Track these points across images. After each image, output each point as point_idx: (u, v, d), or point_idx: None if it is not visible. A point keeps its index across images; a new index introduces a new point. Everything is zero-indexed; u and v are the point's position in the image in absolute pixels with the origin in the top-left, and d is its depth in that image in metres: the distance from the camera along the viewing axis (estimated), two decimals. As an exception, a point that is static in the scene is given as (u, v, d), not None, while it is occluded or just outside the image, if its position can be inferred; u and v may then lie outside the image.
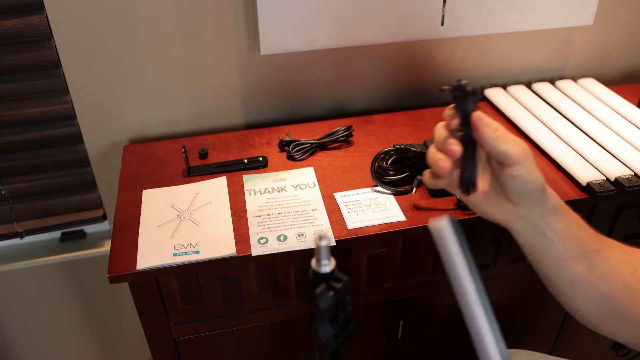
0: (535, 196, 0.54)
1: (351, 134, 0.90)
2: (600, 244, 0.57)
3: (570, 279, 0.57)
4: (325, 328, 0.49)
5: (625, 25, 1.10)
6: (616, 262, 0.56)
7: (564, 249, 0.56)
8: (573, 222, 0.56)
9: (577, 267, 0.56)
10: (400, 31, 0.93)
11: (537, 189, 0.54)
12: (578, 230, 0.56)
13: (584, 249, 0.56)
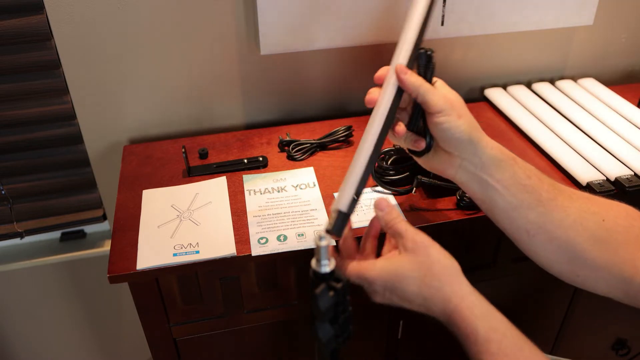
0: (463, 144, 0.56)
1: (351, 134, 0.90)
2: (556, 193, 0.57)
3: (526, 228, 0.57)
4: (325, 328, 0.49)
5: (625, 25, 1.10)
6: (576, 210, 0.56)
7: (513, 198, 0.56)
8: (520, 170, 0.57)
9: (530, 215, 0.56)
10: (400, 31, 0.93)
11: (463, 137, 0.56)
12: (527, 178, 0.57)
13: (536, 197, 0.56)
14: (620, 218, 0.57)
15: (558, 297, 0.97)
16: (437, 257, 0.53)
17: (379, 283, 0.55)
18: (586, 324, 1.04)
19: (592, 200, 0.59)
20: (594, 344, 1.11)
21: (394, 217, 0.57)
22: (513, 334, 0.51)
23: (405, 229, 0.55)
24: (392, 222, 0.57)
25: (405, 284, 0.54)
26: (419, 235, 0.55)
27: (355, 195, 0.54)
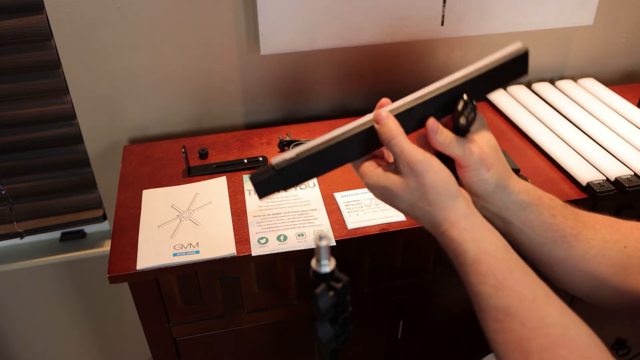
0: (487, 192, 0.56)
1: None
2: (579, 227, 0.57)
3: (549, 262, 0.58)
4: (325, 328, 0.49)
5: (625, 26, 1.10)
6: (599, 242, 0.56)
7: (537, 237, 0.57)
8: (545, 210, 0.56)
9: (554, 251, 0.57)
10: (400, 31, 0.93)
11: (489, 188, 0.55)
12: (552, 217, 0.56)
13: (560, 235, 0.56)
14: None
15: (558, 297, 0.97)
16: (432, 183, 0.52)
17: (375, 189, 0.55)
18: (586, 323, 1.04)
19: (614, 227, 0.58)
20: (594, 344, 1.11)
21: (389, 131, 0.54)
22: (505, 256, 0.50)
23: (401, 150, 0.53)
24: (387, 138, 0.54)
25: (397, 200, 0.54)
26: (415, 158, 0.52)
27: (295, 156, 0.52)
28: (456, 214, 0.52)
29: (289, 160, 0.52)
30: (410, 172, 0.52)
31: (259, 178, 0.51)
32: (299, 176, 0.54)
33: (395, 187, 0.53)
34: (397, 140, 0.54)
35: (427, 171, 0.52)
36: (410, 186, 0.52)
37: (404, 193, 0.53)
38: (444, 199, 0.52)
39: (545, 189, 0.78)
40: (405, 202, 0.53)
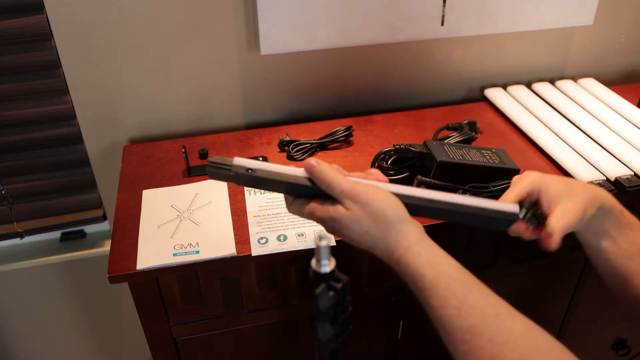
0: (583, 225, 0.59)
1: (351, 134, 0.90)
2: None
3: (624, 277, 0.60)
4: (325, 328, 0.49)
5: (625, 25, 1.10)
6: None
7: (618, 248, 0.60)
8: (626, 223, 0.60)
9: (630, 265, 0.60)
10: (400, 31, 0.93)
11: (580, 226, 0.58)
12: (629, 230, 0.60)
13: (637, 248, 0.59)
14: None
15: (558, 297, 0.97)
16: (379, 210, 0.52)
17: (326, 225, 0.55)
18: (586, 324, 1.04)
19: None
20: (594, 344, 1.11)
21: (323, 176, 0.54)
22: (462, 276, 0.51)
23: (341, 188, 0.53)
24: (324, 182, 0.54)
25: (350, 233, 0.54)
26: (355, 192, 0.52)
27: (250, 170, 0.55)
28: (408, 239, 0.52)
29: (244, 172, 0.55)
30: (355, 205, 0.53)
31: (215, 168, 0.55)
32: (247, 183, 0.57)
33: (346, 219, 0.53)
34: (334, 182, 0.54)
35: (371, 199, 0.53)
36: (359, 216, 0.53)
37: (354, 223, 0.53)
38: (394, 224, 0.53)
39: (545, 189, 0.79)
40: (357, 233, 0.53)
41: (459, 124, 0.92)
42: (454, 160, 0.75)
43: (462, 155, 0.77)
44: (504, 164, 0.78)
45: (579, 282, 0.95)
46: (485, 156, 0.79)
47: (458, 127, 0.92)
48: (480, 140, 0.91)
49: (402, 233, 0.52)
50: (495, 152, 0.81)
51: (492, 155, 0.79)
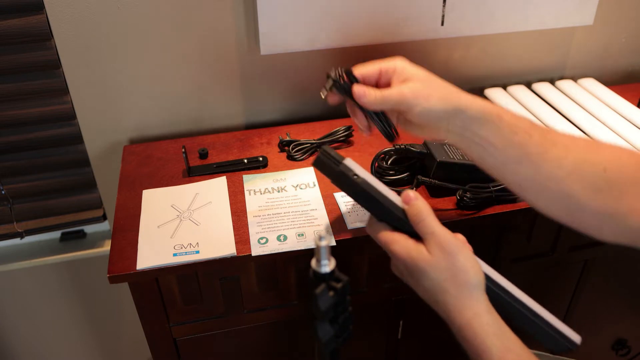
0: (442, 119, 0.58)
1: (351, 134, 0.90)
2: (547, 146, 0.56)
3: (517, 182, 0.57)
4: (325, 328, 0.49)
5: (625, 26, 1.10)
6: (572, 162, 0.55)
7: (500, 155, 0.57)
8: (505, 126, 0.56)
9: (520, 170, 0.56)
10: (400, 31, 0.93)
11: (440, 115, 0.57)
12: (513, 134, 0.56)
13: (524, 152, 0.56)
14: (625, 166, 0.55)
15: (558, 297, 0.97)
16: (462, 267, 0.51)
17: (399, 260, 0.54)
18: (586, 324, 1.04)
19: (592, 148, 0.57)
20: (594, 344, 1.11)
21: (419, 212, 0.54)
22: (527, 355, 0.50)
23: (432, 231, 0.53)
24: (417, 219, 0.54)
25: (423, 278, 0.52)
26: (446, 238, 0.52)
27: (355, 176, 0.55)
28: (480, 306, 0.51)
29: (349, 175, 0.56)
30: (441, 252, 0.52)
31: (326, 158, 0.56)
32: (343, 185, 0.57)
33: (425, 262, 0.52)
34: (427, 221, 0.53)
35: (459, 252, 0.52)
36: (441, 265, 0.52)
37: (432, 270, 0.52)
38: (471, 286, 0.52)
39: (545, 189, 0.79)
40: (432, 281, 0.52)
41: (459, 124, 0.92)
42: (454, 160, 0.75)
43: (462, 155, 0.77)
44: (504, 164, 0.78)
45: (579, 282, 0.95)
46: (485, 156, 0.79)
47: (458, 127, 0.92)
48: (480, 140, 0.91)
49: (475, 298, 0.52)
50: (495, 152, 0.81)
51: (492, 155, 0.79)
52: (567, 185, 0.55)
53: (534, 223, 0.81)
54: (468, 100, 0.57)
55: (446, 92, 0.58)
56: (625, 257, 0.95)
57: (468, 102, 0.57)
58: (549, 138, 0.57)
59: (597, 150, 0.56)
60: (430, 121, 0.58)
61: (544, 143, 0.56)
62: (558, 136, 0.57)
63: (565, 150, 0.56)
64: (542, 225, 0.81)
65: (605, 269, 0.95)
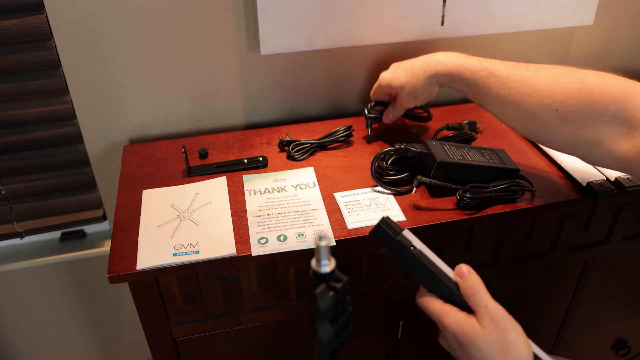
0: (423, 91, 0.81)
1: (351, 134, 0.90)
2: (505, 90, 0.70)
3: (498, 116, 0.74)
4: (325, 328, 0.49)
5: (625, 25, 1.10)
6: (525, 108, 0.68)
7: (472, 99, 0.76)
8: (464, 87, 0.75)
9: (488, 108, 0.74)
10: (400, 31, 0.93)
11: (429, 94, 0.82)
12: (475, 86, 0.73)
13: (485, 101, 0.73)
14: (577, 105, 0.63)
15: (558, 297, 0.97)
16: (514, 343, 0.52)
17: (450, 332, 0.55)
18: (586, 324, 1.04)
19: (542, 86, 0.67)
20: (594, 344, 1.11)
21: (472, 287, 0.55)
22: None
23: (485, 304, 0.54)
24: (470, 291, 0.55)
25: (474, 351, 0.53)
26: (499, 314, 0.53)
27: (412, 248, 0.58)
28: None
29: (407, 246, 0.58)
30: (493, 326, 0.53)
31: (386, 226, 0.59)
32: (398, 256, 0.59)
33: (477, 336, 0.53)
34: (481, 295, 0.54)
35: (512, 328, 0.53)
36: (492, 339, 0.52)
37: (484, 344, 0.52)
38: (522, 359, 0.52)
39: (546, 189, 0.79)
40: (483, 354, 0.53)
41: (459, 124, 0.92)
42: (454, 160, 0.75)
43: (462, 155, 0.77)
44: (504, 164, 0.78)
45: (579, 282, 0.95)
46: (485, 156, 0.79)
47: (458, 127, 0.92)
48: (480, 140, 0.91)
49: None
50: (495, 152, 0.81)
51: (492, 155, 0.79)
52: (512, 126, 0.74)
53: (534, 223, 0.81)
54: (439, 66, 0.77)
55: (415, 88, 0.80)
56: (625, 257, 0.95)
57: (440, 76, 0.77)
58: (508, 85, 0.69)
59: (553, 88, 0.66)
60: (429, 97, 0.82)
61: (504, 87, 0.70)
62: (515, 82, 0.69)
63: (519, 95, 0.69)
64: (542, 225, 0.81)
65: (605, 269, 0.95)
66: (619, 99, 0.61)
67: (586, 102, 0.63)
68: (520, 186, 0.76)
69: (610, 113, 0.61)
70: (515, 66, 0.70)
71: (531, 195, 0.77)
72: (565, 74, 0.66)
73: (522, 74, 0.68)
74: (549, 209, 0.77)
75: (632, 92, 0.60)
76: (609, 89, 0.62)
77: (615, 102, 0.61)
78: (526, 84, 0.68)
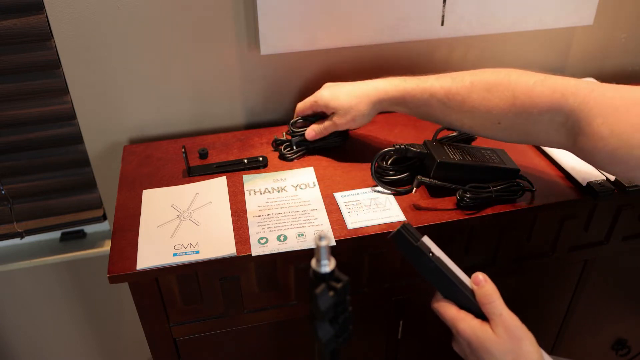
0: (362, 115, 0.80)
1: (347, 136, 0.90)
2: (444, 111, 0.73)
3: None
4: (325, 328, 0.49)
5: (625, 25, 1.10)
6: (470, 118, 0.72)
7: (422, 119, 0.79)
8: (409, 109, 0.77)
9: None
10: (400, 31, 0.93)
11: (366, 119, 0.81)
12: (417, 107, 0.76)
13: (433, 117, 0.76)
14: (515, 118, 0.66)
15: (558, 297, 0.97)
16: (526, 352, 0.54)
17: (463, 337, 0.56)
18: (586, 324, 1.04)
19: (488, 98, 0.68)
20: (594, 344, 1.11)
21: (488, 295, 0.57)
22: None
23: (500, 313, 0.55)
24: (485, 299, 0.56)
25: (487, 357, 0.55)
26: (513, 323, 0.55)
27: (430, 255, 0.59)
28: None
29: (426, 252, 0.59)
30: (507, 335, 0.54)
31: (403, 234, 0.60)
32: (417, 262, 0.60)
33: (491, 343, 0.54)
34: (496, 304, 0.56)
35: (525, 337, 0.54)
36: (506, 347, 0.54)
37: (497, 352, 0.54)
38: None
39: (546, 189, 0.79)
40: None
41: (459, 124, 0.92)
42: (454, 161, 0.75)
43: (462, 155, 0.77)
44: (504, 164, 0.78)
45: (579, 282, 0.95)
46: (485, 156, 0.79)
47: (458, 127, 0.92)
48: (480, 140, 0.91)
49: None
50: (495, 152, 0.81)
51: (492, 155, 0.79)
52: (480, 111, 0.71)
53: (534, 223, 0.81)
54: (380, 102, 0.78)
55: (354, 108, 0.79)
56: (625, 257, 0.95)
57: (382, 103, 0.78)
58: (449, 105, 0.72)
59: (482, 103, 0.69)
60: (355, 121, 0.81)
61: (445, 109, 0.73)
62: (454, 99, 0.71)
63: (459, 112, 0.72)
64: (542, 225, 0.81)
65: (605, 269, 0.95)
66: (551, 107, 0.63)
67: (522, 115, 0.66)
68: (520, 186, 0.76)
69: (547, 120, 0.64)
70: (452, 83, 0.71)
71: (531, 195, 0.77)
72: (497, 90, 0.68)
73: (460, 92, 0.70)
74: (549, 209, 0.77)
75: (560, 98, 0.63)
76: (538, 101, 0.64)
77: (549, 110, 0.64)
78: (464, 105, 0.70)
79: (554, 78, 0.66)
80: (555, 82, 0.65)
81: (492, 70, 0.69)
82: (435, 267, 0.58)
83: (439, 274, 0.58)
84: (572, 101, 0.61)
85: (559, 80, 0.65)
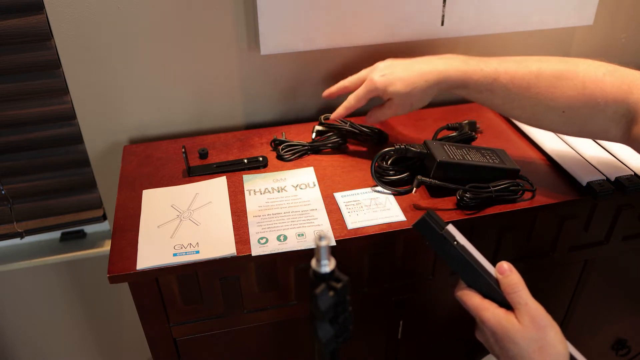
0: (421, 100, 0.78)
1: (346, 140, 0.90)
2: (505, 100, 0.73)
3: None
4: (325, 328, 0.49)
5: (625, 25, 1.10)
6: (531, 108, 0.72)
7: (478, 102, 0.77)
8: (473, 92, 0.75)
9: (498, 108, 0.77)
10: (400, 31, 0.93)
11: (426, 99, 0.78)
12: (478, 93, 0.74)
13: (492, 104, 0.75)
14: (581, 108, 0.67)
15: (558, 297, 0.97)
16: (552, 341, 0.53)
17: (488, 327, 0.56)
18: (586, 324, 1.04)
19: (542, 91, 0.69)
20: (594, 343, 1.11)
21: (513, 284, 0.57)
22: None
23: (525, 302, 0.55)
24: (511, 289, 0.56)
25: (512, 347, 0.54)
26: (538, 312, 0.55)
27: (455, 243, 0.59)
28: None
29: (450, 241, 0.59)
30: (532, 324, 0.54)
31: (431, 220, 0.59)
32: (442, 250, 0.59)
33: (515, 332, 0.54)
34: (522, 293, 0.56)
35: (550, 327, 0.54)
36: (531, 336, 0.53)
37: (522, 340, 0.53)
38: (559, 358, 0.53)
39: (546, 189, 0.79)
40: (520, 350, 0.54)
41: (459, 124, 0.92)
42: (454, 160, 0.75)
43: (462, 155, 0.77)
44: (504, 164, 0.78)
45: (579, 282, 0.95)
46: (485, 156, 0.79)
47: (458, 127, 0.92)
48: (480, 140, 0.91)
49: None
50: (495, 152, 0.81)
51: (492, 155, 0.79)
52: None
53: (534, 223, 0.81)
54: (440, 83, 0.75)
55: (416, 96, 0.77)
56: (625, 257, 0.95)
57: (441, 84, 0.75)
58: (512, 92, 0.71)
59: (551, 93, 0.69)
60: (413, 105, 0.79)
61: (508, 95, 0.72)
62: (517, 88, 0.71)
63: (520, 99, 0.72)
64: (542, 225, 0.81)
65: (605, 269, 0.95)
66: (617, 98, 0.65)
67: (589, 105, 0.67)
68: (520, 186, 0.76)
69: (611, 111, 0.66)
70: (518, 68, 0.70)
71: (531, 195, 0.77)
72: (566, 78, 0.68)
73: (525, 79, 0.69)
74: (549, 209, 0.77)
75: (627, 90, 0.64)
76: (608, 91, 0.65)
77: (615, 101, 0.65)
78: (530, 90, 0.70)
79: (622, 69, 0.66)
80: (623, 74, 0.66)
81: (558, 59, 0.70)
82: (459, 255, 0.58)
83: (463, 262, 0.58)
84: (636, 92, 0.63)
85: (627, 72, 0.66)
